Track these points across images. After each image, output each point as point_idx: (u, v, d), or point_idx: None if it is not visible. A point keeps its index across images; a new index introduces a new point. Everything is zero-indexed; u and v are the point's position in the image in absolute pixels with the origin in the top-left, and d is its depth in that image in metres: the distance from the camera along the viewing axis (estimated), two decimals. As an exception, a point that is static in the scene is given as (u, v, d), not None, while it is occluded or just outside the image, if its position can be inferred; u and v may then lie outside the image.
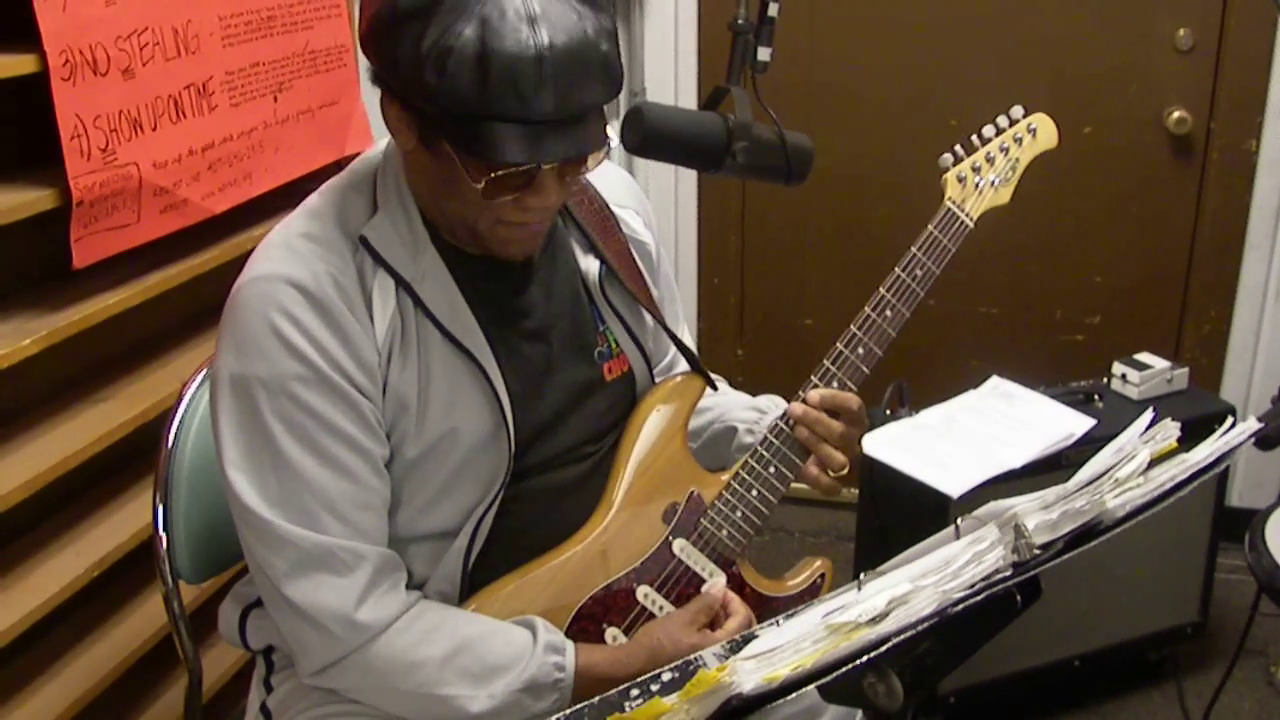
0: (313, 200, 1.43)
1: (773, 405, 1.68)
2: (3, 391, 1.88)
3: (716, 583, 1.51)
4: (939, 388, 2.54)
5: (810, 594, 1.59)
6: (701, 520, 1.53)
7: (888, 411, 2.50)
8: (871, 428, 2.41)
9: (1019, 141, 1.67)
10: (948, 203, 1.60)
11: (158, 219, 2.00)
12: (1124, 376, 2.58)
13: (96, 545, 1.95)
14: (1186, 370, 2.61)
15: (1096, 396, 2.54)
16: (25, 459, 1.84)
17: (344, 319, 1.34)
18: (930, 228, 1.59)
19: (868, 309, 1.56)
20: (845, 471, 1.55)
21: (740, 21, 1.51)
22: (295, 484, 1.34)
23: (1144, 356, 2.62)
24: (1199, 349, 3.18)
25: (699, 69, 3.24)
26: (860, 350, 1.55)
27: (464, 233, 1.40)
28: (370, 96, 2.56)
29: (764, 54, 1.53)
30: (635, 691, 0.96)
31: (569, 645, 1.41)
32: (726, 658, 0.91)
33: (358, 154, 2.56)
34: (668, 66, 3.23)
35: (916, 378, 2.64)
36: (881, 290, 1.56)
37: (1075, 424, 2.39)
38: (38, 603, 1.80)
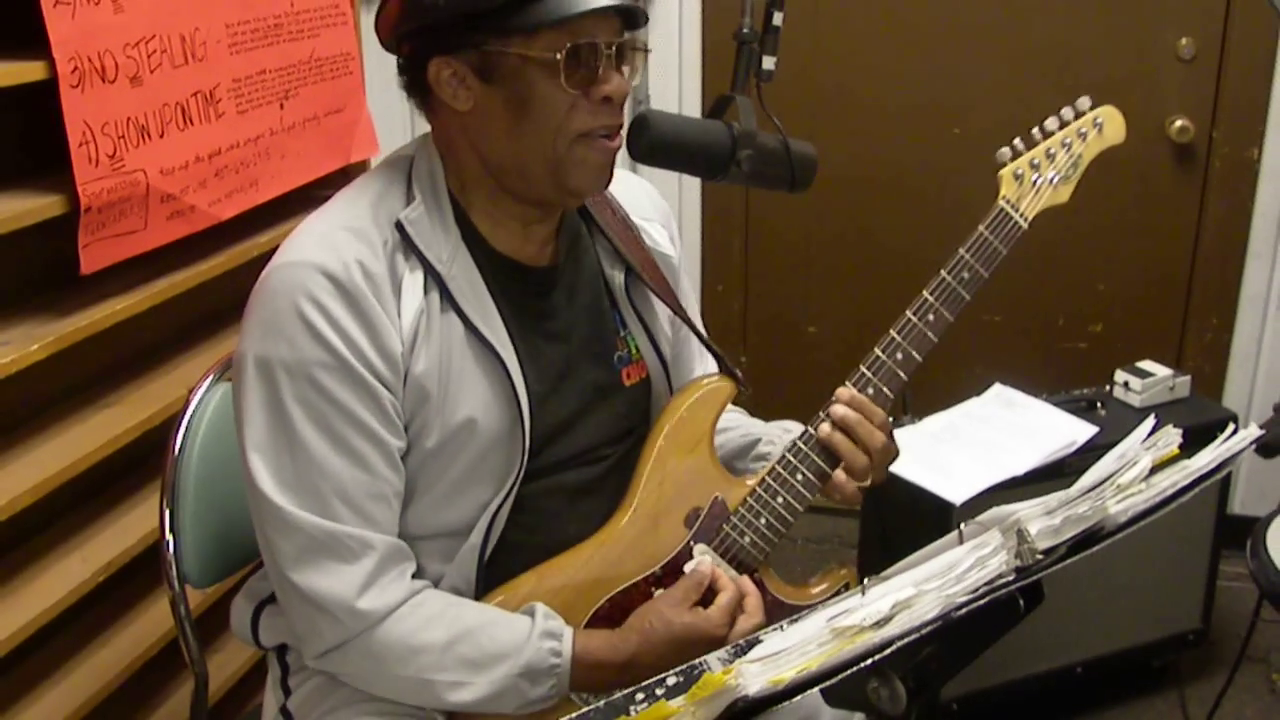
0: (348, 190, 1.47)
1: (797, 428, 1.65)
2: (10, 397, 1.89)
3: (703, 560, 1.51)
4: (942, 395, 2.55)
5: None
6: (724, 526, 1.52)
7: (890, 419, 2.51)
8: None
9: (1083, 136, 1.58)
10: (1001, 202, 1.53)
11: (165, 225, 2.01)
12: (1126, 384, 2.59)
13: (103, 550, 1.96)
14: (1189, 378, 2.62)
15: (1099, 404, 2.55)
16: (32, 464, 1.85)
17: (370, 307, 1.36)
18: (981, 228, 1.52)
19: (909, 313, 1.51)
20: (869, 483, 1.53)
21: (745, 30, 1.53)
22: (310, 469, 1.36)
23: (1146, 364, 2.63)
24: (1201, 357, 3.18)
25: (702, 77, 3.25)
26: (899, 355, 1.51)
27: (543, 177, 1.41)
28: (377, 103, 2.58)
29: (769, 63, 1.54)
30: (640, 696, 0.97)
31: (566, 631, 1.42)
32: (732, 661, 0.92)
33: (363, 161, 2.59)
34: (671, 75, 3.24)
35: (919, 385, 2.63)
36: (925, 294, 1.51)
37: (1078, 431, 2.40)
38: (44, 607, 1.81)
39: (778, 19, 1.53)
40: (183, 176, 2.01)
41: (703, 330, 1.71)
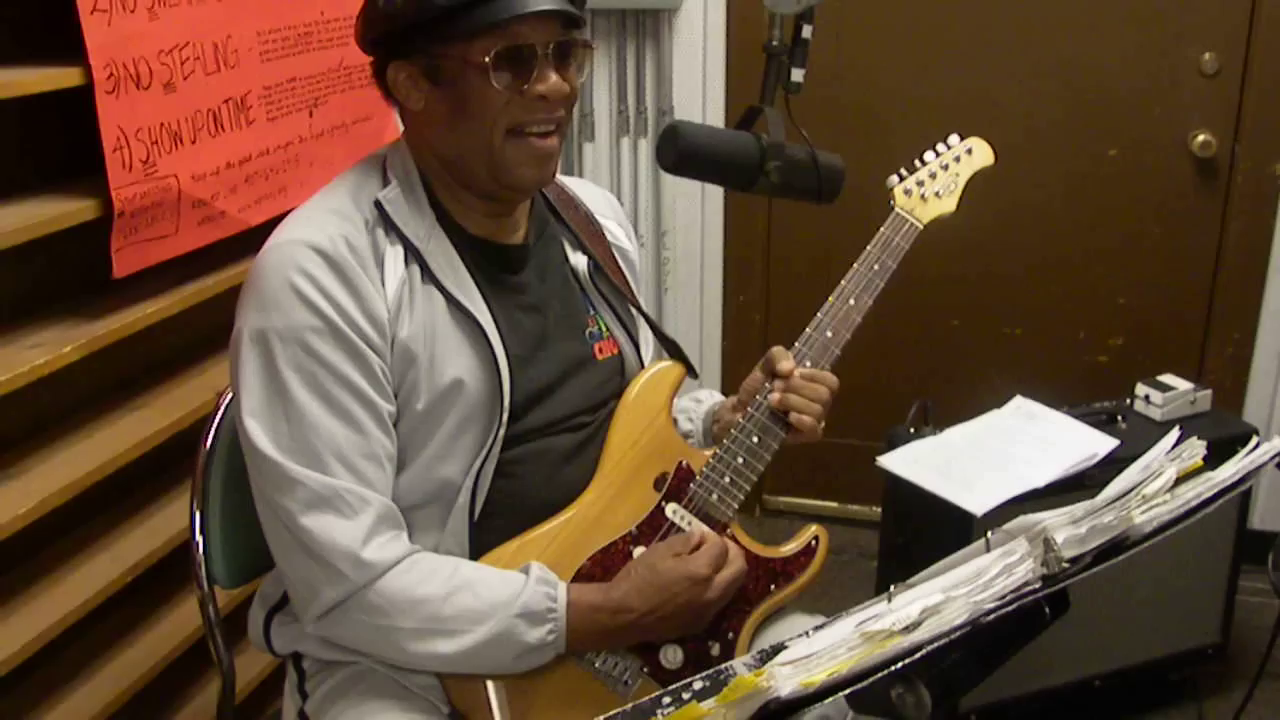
0: (328, 185, 1.57)
1: (708, 395, 1.83)
2: (43, 398, 1.91)
3: (696, 525, 1.60)
4: (963, 407, 2.55)
5: (806, 556, 1.65)
6: (691, 485, 1.62)
7: (912, 430, 2.52)
8: (895, 446, 2.43)
9: (958, 160, 1.87)
10: (898, 209, 1.78)
11: (196, 230, 2.03)
12: (1147, 398, 2.59)
13: (131, 550, 1.98)
14: (1209, 392, 2.62)
15: (1119, 417, 2.55)
16: (63, 464, 1.87)
17: (356, 276, 1.44)
18: (883, 229, 1.75)
19: (831, 297, 1.69)
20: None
21: (774, 43, 1.55)
22: (305, 430, 1.43)
23: (1167, 378, 2.63)
24: (1222, 371, 3.18)
25: (727, 88, 3.27)
26: (828, 334, 1.67)
27: (482, 172, 1.50)
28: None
29: (797, 75, 1.57)
30: (667, 700, 0.98)
31: (560, 583, 1.49)
32: (760, 665, 0.93)
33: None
34: (696, 86, 3.26)
35: (941, 397, 2.66)
36: (844, 282, 1.71)
37: (1098, 444, 2.40)
38: (74, 605, 1.83)
39: (806, 31, 1.55)
40: (214, 182, 2.04)
41: (656, 321, 1.81)
